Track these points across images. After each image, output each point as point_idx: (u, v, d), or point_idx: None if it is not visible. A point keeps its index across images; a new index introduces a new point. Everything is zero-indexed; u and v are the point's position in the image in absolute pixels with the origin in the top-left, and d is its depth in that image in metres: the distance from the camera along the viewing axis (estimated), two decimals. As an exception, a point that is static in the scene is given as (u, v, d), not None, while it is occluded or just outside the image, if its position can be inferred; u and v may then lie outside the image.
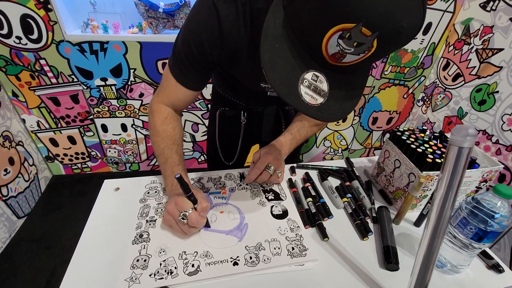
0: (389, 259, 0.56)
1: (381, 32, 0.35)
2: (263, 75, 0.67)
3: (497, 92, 1.39)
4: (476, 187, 0.68)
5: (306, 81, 0.41)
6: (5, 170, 1.41)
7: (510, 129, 1.32)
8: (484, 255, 0.60)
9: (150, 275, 0.52)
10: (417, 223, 0.67)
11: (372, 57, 0.39)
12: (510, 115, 1.32)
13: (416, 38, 1.64)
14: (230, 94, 0.85)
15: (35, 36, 1.36)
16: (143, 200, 0.69)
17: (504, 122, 1.35)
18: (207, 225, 0.62)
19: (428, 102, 1.86)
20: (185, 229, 0.57)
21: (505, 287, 0.55)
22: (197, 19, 0.56)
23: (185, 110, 1.71)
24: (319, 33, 0.37)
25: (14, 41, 1.35)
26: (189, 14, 0.58)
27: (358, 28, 0.35)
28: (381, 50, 0.38)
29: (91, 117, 1.68)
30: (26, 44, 1.37)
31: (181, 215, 0.56)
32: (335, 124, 1.98)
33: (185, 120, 1.78)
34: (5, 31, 1.32)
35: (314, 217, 0.66)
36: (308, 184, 0.76)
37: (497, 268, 0.57)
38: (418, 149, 0.65)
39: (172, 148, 0.66)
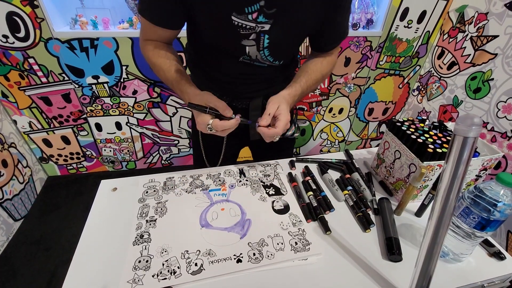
0: (392, 250, 0.56)
1: None
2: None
3: (492, 79, 1.39)
4: (476, 175, 0.68)
5: None
6: (-1, 173, 1.39)
7: (505, 116, 1.33)
8: (485, 243, 0.61)
9: (153, 276, 0.51)
10: (418, 213, 0.67)
11: None
12: (505, 102, 1.32)
13: (411, 27, 1.63)
14: (211, 86, 0.77)
15: (22, 34, 1.31)
16: (142, 200, 0.68)
17: (499, 109, 1.35)
18: (246, 118, 0.67)
19: (424, 92, 1.86)
20: (219, 133, 0.63)
21: (507, 273, 0.56)
22: None
23: (179, 106, 1.69)
24: None
25: (0, 40, 1.30)
26: None
27: None
28: None
29: (84, 116, 1.65)
30: (14, 42, 1.32)
31: (207, 128, 0.62)
32: (331, 116, 1.97)
33: (181, 116, 1.76)
34: (-10, 29, 1.27)
35: (316, 210, 0.66)
36: (308, 177, 0.75)
37: (498, 256, 0.58)
38: (419, 139, 0.65)
39: (170, 69, 0.69)
